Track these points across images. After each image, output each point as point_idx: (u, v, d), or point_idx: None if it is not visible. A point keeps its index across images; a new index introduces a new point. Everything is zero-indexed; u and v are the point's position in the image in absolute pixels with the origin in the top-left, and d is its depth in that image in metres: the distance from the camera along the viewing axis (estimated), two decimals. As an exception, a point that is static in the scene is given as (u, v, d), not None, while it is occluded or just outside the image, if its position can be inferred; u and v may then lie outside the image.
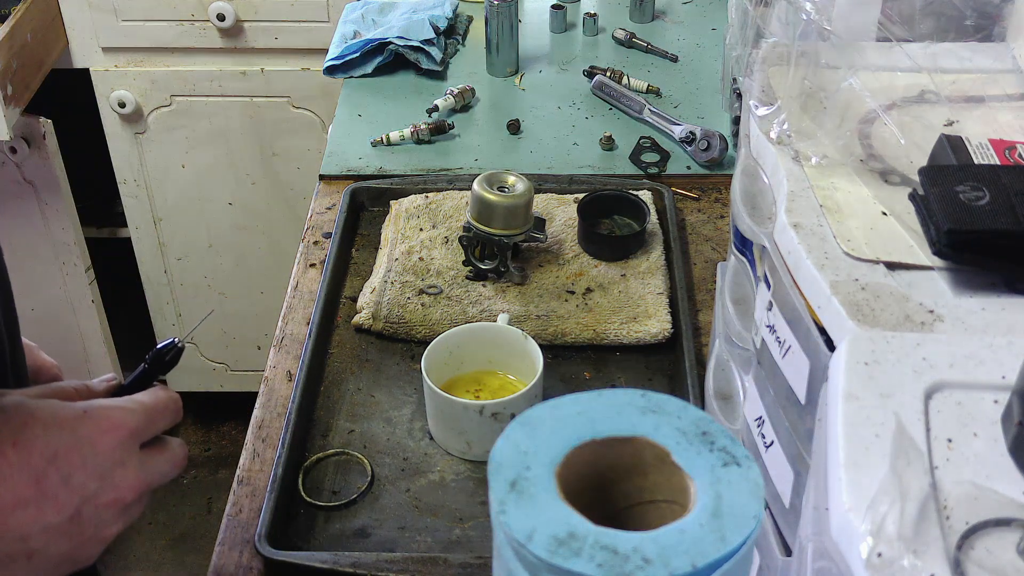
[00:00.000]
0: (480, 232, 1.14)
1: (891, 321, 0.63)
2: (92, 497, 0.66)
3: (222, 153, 2.12)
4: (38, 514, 0.64)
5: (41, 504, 0.64)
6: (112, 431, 0.67)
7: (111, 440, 0.67)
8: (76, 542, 0.67)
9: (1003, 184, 0.66)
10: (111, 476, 0.67)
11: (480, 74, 1.57)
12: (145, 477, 0.69)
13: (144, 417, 0.70)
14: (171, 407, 0.73)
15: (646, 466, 0.56)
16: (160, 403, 0.72)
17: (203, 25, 1.98)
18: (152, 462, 0.70)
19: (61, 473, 0.64)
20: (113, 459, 0.67)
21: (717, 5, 1.74)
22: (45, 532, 0.65)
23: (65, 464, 0.65)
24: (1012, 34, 0.88)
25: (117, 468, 0.67)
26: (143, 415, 0.70)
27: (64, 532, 0.65)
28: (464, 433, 0.99)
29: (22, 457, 0.63)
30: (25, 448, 0.64)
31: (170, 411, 0.72)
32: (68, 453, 0.65)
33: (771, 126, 0.78)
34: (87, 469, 0.66)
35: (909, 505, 0.51)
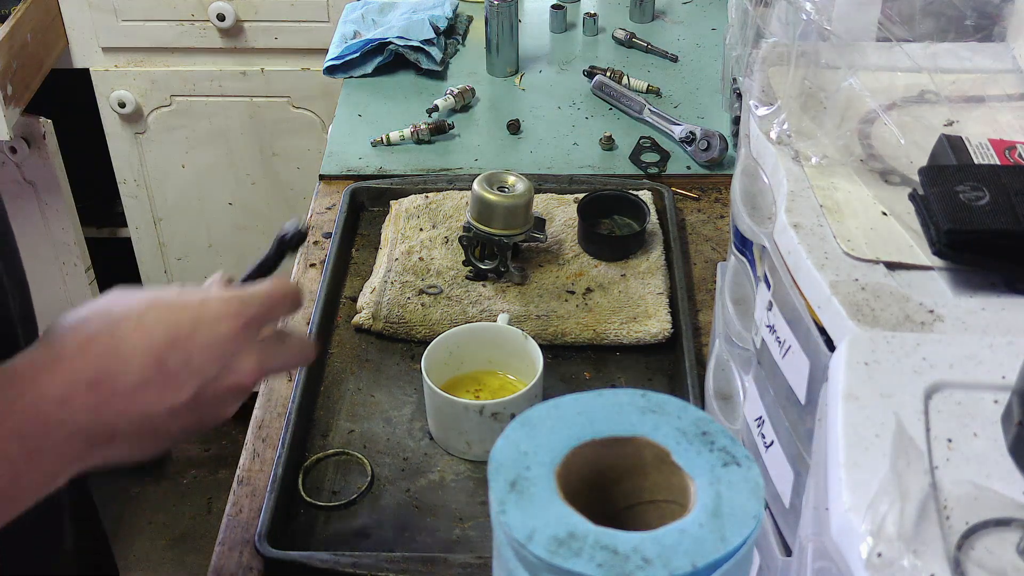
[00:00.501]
0: (480, 232, 1.14)
1: (891, 321, 0.63)
2: (212, 381, 0.69)
3: (222, 153, 2.12)
4: (161, 395, 0.67)
5: (164, 386, 0.67)
6: (231, 318, 0.70)
7: (230, 326, 0.70)
8: (197, 418, 0.70)
9: (1003, 184, 0.66)
10: (230, 361, 0.70)
11: (480, 74, 1.57)
12: (263, 364, 0.72)
13: (261, 306, 0.72)
14: (289, 297, 0.75)
15: (646, 466, 0.56)
16: (277, 293, 0.74)
17: (203, 25, 1.98)
18: (272, 350, 0.73)
19: (182, 356, 0.68)
20: (232, 345, 0.70)
21: (717, 5, 1.74)
22: (168, 412, 0.68)
23: (186, 348, 0.68)
24: (1012, 34, 0.88)
25: (236, 354, 0.70)
26: (260, 304, 0.72)
27: (186, 411, 0.69)
28: (464, 433, 0.99)
29: (144, 340, 0.67)
30: (147, 331, 0.67)
31: (288, 300, 0.75)
32: (189, 337, 0.68)
33: (771, 126, 0.78)
34: (207, 354, 0.69)
35: (909, 505, 0.51)
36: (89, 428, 0.65)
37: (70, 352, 0.66)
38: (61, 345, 0.66)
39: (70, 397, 0.65)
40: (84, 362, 0.66)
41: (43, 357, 0.66)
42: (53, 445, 0.64)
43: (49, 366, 0.65)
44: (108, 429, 0.66)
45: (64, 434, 0.65)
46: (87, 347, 0.66)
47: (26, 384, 0.64)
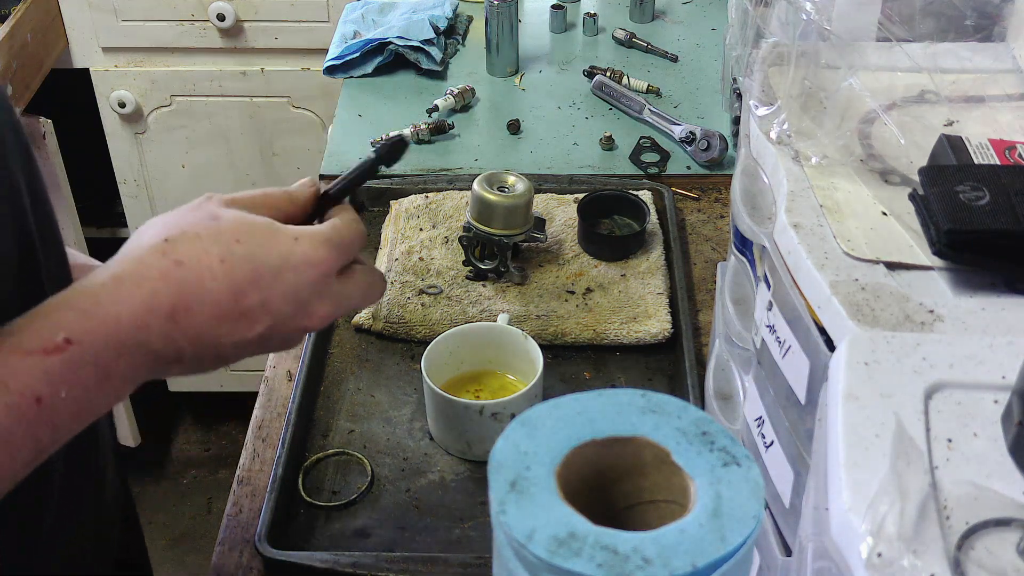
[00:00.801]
0: (480, 232, 1.14)
1: (891, 321, 0.63)
2: (284, 321, 0.69)
3: (222, 153, 2.12)
4: (233, 328, 0.67)
5: (237, 320, 0.67)
6: (317, 266, 0.69)
7: (313, 274, 0.69)
8: (261, 351, 0.71)
9: (1003, 184, 0.66)
10: (306, 305, 0.70)
11: (480, 74, 1.57)
12: (336, 307, 0.72)
13: (344, 250, 0.72)
14: (363, 236, 0.75)
15: (646, 466, 0.56)
16: (356, 233, 0.74)
17: (203, 25, 1.98)
18: (346, 292, 0.73)
19: (261, 295, 0.68)
20: (311, 291, 0.70)
21: (717, 5, 1.74)
22: (235, 345, 0.68)
23: (267, 288, 0.68)
24: (1012, 34, 0.88)
25: (313, 299, 0.70)
26: (343, 248, 0.72)
27: (252, 345, 0.69)
28: (464, 433, 0.99)
29: (228, 273, 0.66)
30: (232, 266, 0.67)
31: (361, 240, 0.75)
32: (272, 279, 0.68)
33: (771, 126, 0.78)
34: (286, 296, 0.69)
35: (909, 505, 0.51)
36: (159, 351, 0.66)
37: (154, 275, 0.65)
38: (146, 267, 0.66)
39: (147, 323, 0.65)
40: (166, 289, 0.65)
41: (128, 273, 0.66)
42: (125, 368, 0.65)
43: (132, 288, 0.65)
44: (177, 353, 0.67)
45: (137, 357, 0.65)
46: (171, 273, 0.66)
47: (106, 308, 0.64)
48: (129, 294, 0.65)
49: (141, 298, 0.65)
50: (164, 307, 0.65)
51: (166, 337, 0.66)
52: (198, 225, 0.68)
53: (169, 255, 0.66)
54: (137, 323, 0.64)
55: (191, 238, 0.67)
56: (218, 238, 0.67)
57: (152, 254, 0.66)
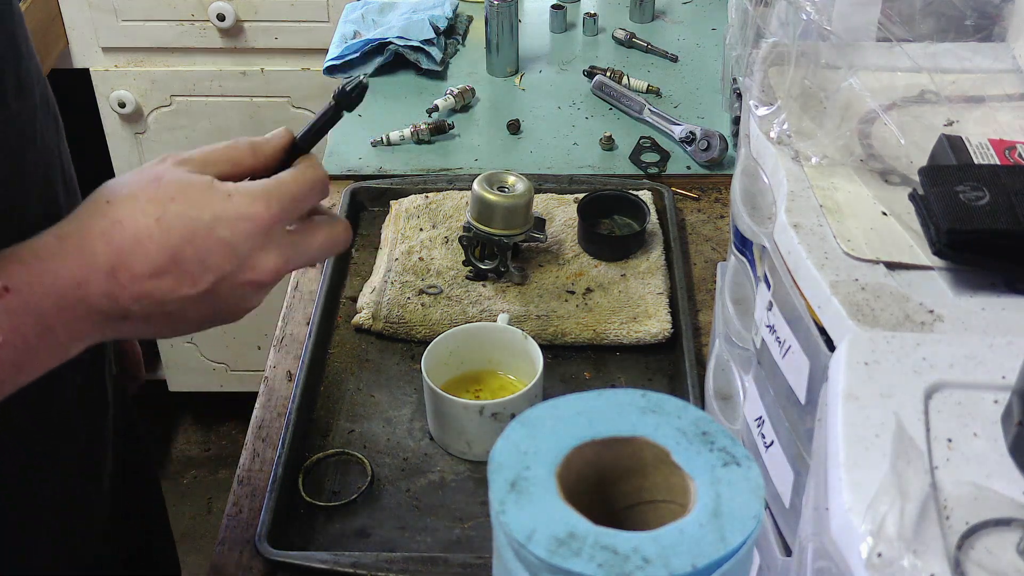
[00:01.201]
0: (480, 232, 1.14)
1: (891, 321, 0.63)
2: (229, 276, 0.70)
3: (222, 153, 2.12)
4: (174, 285, 0.69)
5: (177, 277, 0.69)
6: (251, 219, 0.70)
7: (250, 227, 0.70)
8: (215, 309, 0.72)
9: (1003, 184, 0.66)
10: (249, 259, 0.71)
11: (480, 74, 1.57)
12: (286, 260, 0.72)
13: (287, 203, 0.72)
14: (317, 186, 0.75)
15: (646, 466, 0.56)
16: (305, 184, 0.74)
17: (203, 25, 1.98)
18: (298, 245, 0.74)
19: (198, 253, 0.69)
20: (251, 244, 0.70)
21: (717, 5, 1.74)
22: (182, 300, 0.70)
23: (203, 245, 0.69)
24: (1012, 34, 0.88)
25: (256, 252, 0.71)
26: (286, 201, 0.72)
27: (201, 302, 0.70)
28: (464, 433, 0.99)
29: (163, 233, 0.68)
30: (166, 224, 0.68)
31: (316, 191, 0.75)
32: (207, 234, 0.69)
33: (771, 126, 0.78)
34: (224, 252, 0.70)
35: (909, 505, 0.51)
36: (103, 308, 0.68)
37: (94, 235, 0.68)
38: (87, 227, 0.68)
39: (86, 280, 0.67)
40: (105, 247, 0.68)
41: (70, 233, 0.68)
42: (67, 321, 0.67)
43: (73, 246, 0.68)
44: (121, 310, 0.69)
45: (79, 313, 0.67)
46: (110, 232, 0.68)
47: (47, 262, 0.67)
48: (69, 251, 0.68)
49: (81, 255, 0.68)
50: (103, 264, 0.68)
51: (107, 295, 0.68)
52: (138, 187, 0.70)
53: (109, 216, 0.69)
54: (77, 279, 0.67)
55: (130, 199, 0.69)
56: (155, 198, 0.69)
57: (93, 216, 0.69)
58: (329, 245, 0.77)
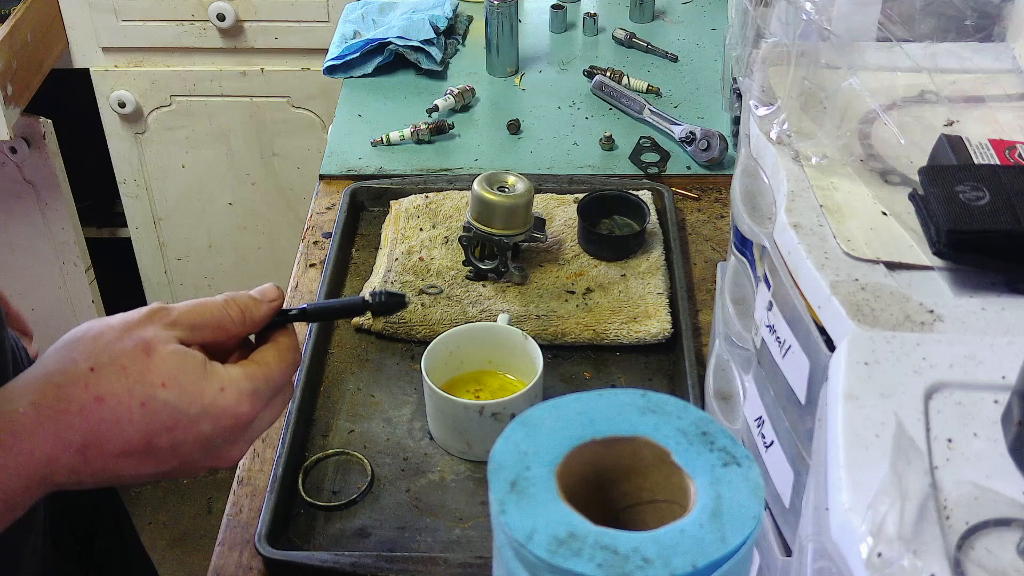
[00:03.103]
0: (480, 232, 1.14)
1: (891, 321, 0.63)
2: (192, 463, 0.70)
3: (222, 153, 2.12)
4: (139, 464, 0.68)
5: (144, 458, 0.68)
6: (236, 418, 0.69)
7: (233, 424, 0.69)
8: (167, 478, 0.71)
9: (1003, 184, 0.66)
10: (218, 450, 0.70)
11: (480, 74, 1.57)
12: (247, 445, 0.73)
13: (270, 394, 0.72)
14: (295, 366, 0.75)
15: (646, 466, 0.56)
16: (288, 369, 0.74)
17: (203, 25, 1.98)
18: (259, 426, 0.73)
19: (174, 441, 0.68)
20: (224, 438, 0.70)
21: (717, 5, 1.74)
22: (136, 476, 0.69)
23: (181, 434, 0.68)
24: (1012, 34, 0.88)
25: (225, 445, 0.70)
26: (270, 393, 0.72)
27: (154, 477, 0.70)
28: (464, 433, 0.99)
29: (145, 418, 0.66)
30: (152, 411, 0.66)
31: (293, 369, 0.75)
32: (188, 426, 0.68)
33: (771, 126, 0.78)
34: (198, 442, 0.69)
35: (909, 505, 0.51)
36: (61, 483, 0.66)
37: (72, 410, 0.65)
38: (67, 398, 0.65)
39: (57, 457, 0.65)
40: (81, 424, 0.65)
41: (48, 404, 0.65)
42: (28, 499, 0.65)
43: (49, 420, 0.64)
44: (76, 482, 0.67)
45: (40, 489, 0.65)
46: (90, 409, 0.65)
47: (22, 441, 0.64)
48: (45, 425, 0.64)
49: (56, 432, 0.64)
50: (76, 442, 0.65)
51: (71, 470, 0.66)
52: (127, 358, 0.67)
53: (91, 389, 0.65)
54: (48, 457, 0.64)
55: (117, 372, 0.66)
56: (144, 378, 0.66)
57: (75, 385, 0.65)
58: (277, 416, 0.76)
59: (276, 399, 0.74)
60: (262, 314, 0.74)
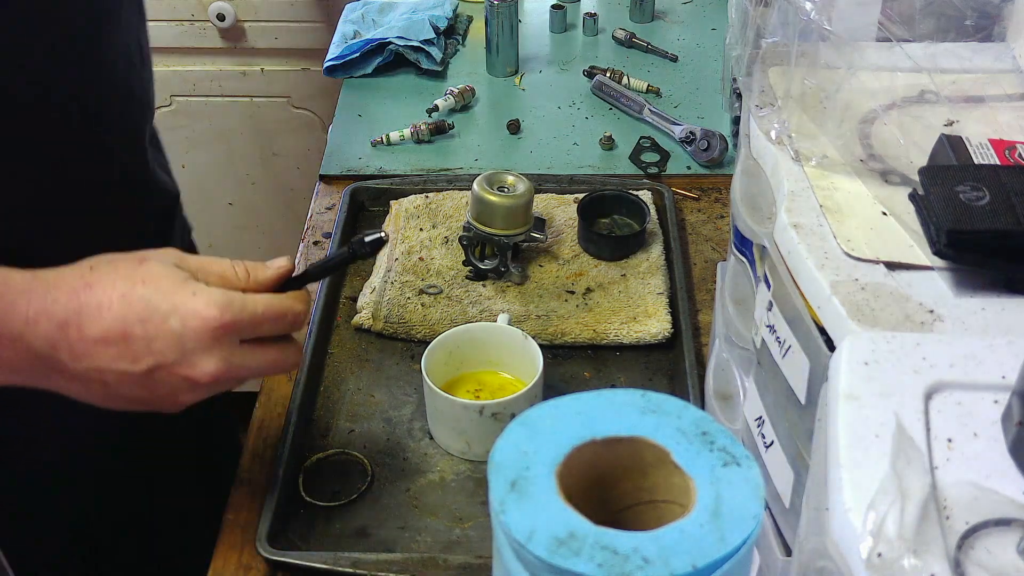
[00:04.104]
0: (480, 232, 1.14)
1: (891, 321, 0.63)
2: (167, 365, 0.74)
3: (222, 153, 2.12)
4: (116, 357, 0.73)
5: (121, 351, 0.73)
6: (204, 320, 0.74)
7: (200, 326, 0.74)
8: (149, 393, 0.76)
9: (1003, 184, 0.66)
10: (190, 356, 0.75)
11: (480, 74, 1.57)
12: (226, 368, 0.76)
13: (245, 318, 0.76)
14: (286, 318, 0.79)
15: (646, 466, 0.56)
16: (272, 310, 0.78)
17: (203, 25, 1.98)
18: (242, 358, 0.77)
19: (147, 334, 0.73)
20: (197, 342, 0.74)
21: (717, 5, 1.74)
22: (119, 374, 0.74)
23: (153, 329, 0.74)
24: (1012, 34, 0.88)
25: (199, 351, 0.75)
26: (246, 316, 0.76)
27: (137, 382, 0.75)
28: (464, 433, 0.99)
29: (122, 307, 0.73)
30: (128, 303, 0.73)
31: (283, 321, 0.79)
32: (160, 321, 0.74)
33: (771, 126, 0.78)
34: (170, 341, 0.74)
35: (909, 505, 0.51)
36: (40, 353, 0.73)
37: (63, 288, 0.73)
38: (62, 279, 0.74)
39: (36, 322, 0.72)
40: (67, 302, 0.73)
41: (46, 278, 0.73)
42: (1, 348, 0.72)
43: (40, 289, 0.73)
44: (58, 363, 0.73)
45: (16, 346, 0.72)
46: (78, 291, 0.73)
47: (12, 290, 0.72)
48: (35, 291, 0.73)
49: (43, 300, 0.72)
50: (58, 315, 0.72)
51: (50, 342, 0.72)
52: (123, 263, 0.76)
53: (84, 278, 0.74)
54: (27, 317, 0.72)
55: (110, 271, 0.75)
56: (129, 276, 0.74)
57: (73, 273, 0.74)
58: (272, 366, 0.81)
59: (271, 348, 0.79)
60: (267, 276, 0.80)
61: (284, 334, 0.81)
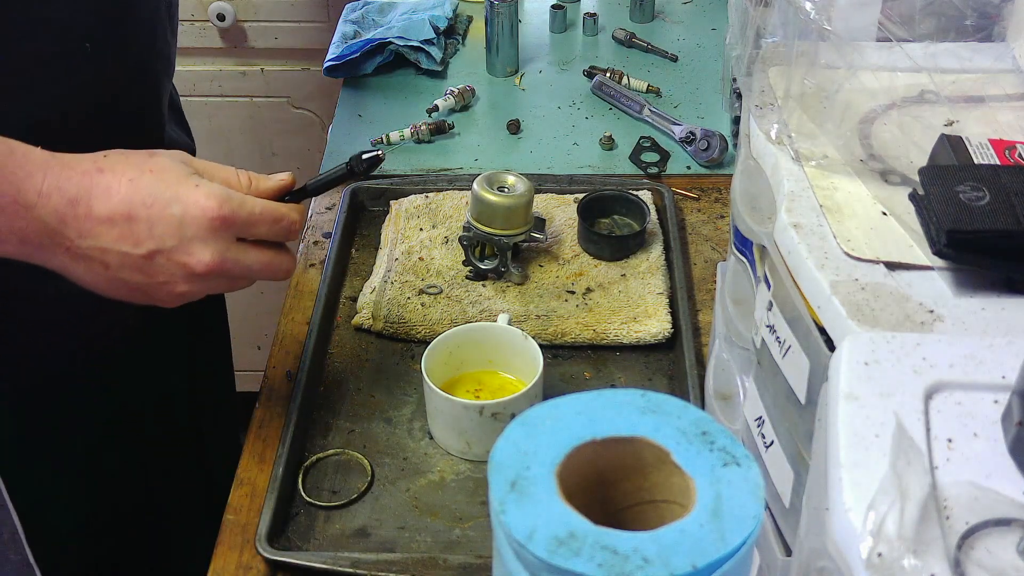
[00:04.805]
0: (480, 232, 1.14)
1: (891, 321, 0.63)
2: (167, 251, 0.78)
3: (222, 153, 2.12)
4: (119, 237, 0.77)
5: (124, 232, 0.77)
6: (202, 209, 0.79)
7: (199, 215, 0.79)
8: (147, 279, 0.80)
9: (1003, 184, 0.66)
10: (188, 243, 0.79)
11: (480, 74, 1.57)
12: (220, 260, 0.80)
13: (242, 214, 0.80)
14: (281, 222, 0.83)
15: (646, 466, 0.56)
16: (268, 212, 0.82)
17: (203, 25, 1.98)
18: (237, 253, 0.81)
19: (150, 218, 0.78)
20: (196, 231, 0.79)
21: (717, 5, 1.74)
22: (120, 256, 0.78)
23: (156, 213, 0.78)
24: (1012, 34, 0.88)
25: (196, 240, 0.79)
26: (244, 213, 0.81)
27: (136, 266, 0.79)
28: (464, 433, 0.99)
29: (129, 191, 0.78)
30: (136, 186, 0.78)
31: (278, 226, 0.83)
32: (163, 207, 0.78)
33: (771, 126, 0.78)
34: (170, 226, 0.78)
35: (909, 505, 0.51)
36: (49, 225, 0.76)
37: (77, 169, 0.77)
38: (77, 162, 0.78)
39: (48, 195, 0.76)
40: (79, 181, 0.77)
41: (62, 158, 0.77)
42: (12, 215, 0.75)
43: (56, 167, 0.77)
44: (64, 238, 0.77)
45: (26, 215, 0.75)
46: (90, 173, 0.77)
47: (30, 160, 0.76)
48: (50, 168, 0.76)
49: (57, 177, 0.76)
50: (69, 191, 0.76)
51: (59, 217, 0.76)
52: (135, 154, 0.80)
53: (98, 163, 0.78)
54: (41, 189, 0.75)
55: (122, 159, 0.79)
56: (138, 165, 0.79)
57: (89, 158, 0.79)
58: (266, 268, 0.84)
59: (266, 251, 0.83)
60: (268, 186, 0.85)
61: (279, 241, 0.85)
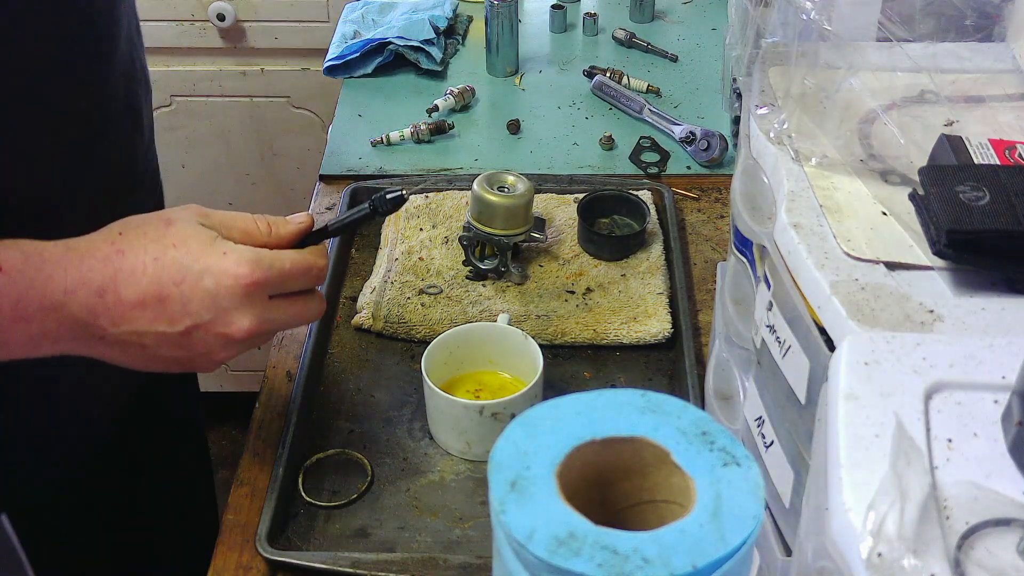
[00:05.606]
0: (480, 232, 1.14)
1: (891, 321, 0.63)
2: (204, 325, 0.77)
3: (222, 153, 2.12)
4: (154, 319, 0.76)
5: (158, 313, 0.76)
6: (236, 278, 0.77)
7: (233, 284, 0.77)
8: (186, 353, 0.78)
9: (1003, 184, 0.66)
10: (225, 314, 0.77)
11: (480, 74, 1.57)
12: (260, 324, 0.79)
13: (274, 274, 0.79)
14: (311, 272, 0.82)
15: (646, 466, 0.56)
16: (299, 266, 0.81)
17: (203, 25, 1.98)
18: (273, 313, 0.80)
19: (183, 296, 0.76)
20: (231, 301, 0.77)
21: (717, 5, 1.74)
22: (157, 336, 0.77)
23: (188, 290, 0.76)
24: (1012, 34, 0.88)
25: (233, 310, 0.77)
26: (275, 273, 0.79)
27: (175, 342, 0.77)
28: (464, 433, 0.99)
29: (157, 270, 0.76)
30: (163, 265, 0.76)
31: (309, 276, 0.82)
32: (195, 282, 0.76)
33: (771, 126, 0.78)
34: (205, 301, 0.76)
35: (909, 505, 0.51)
36: (82, 321, 0.74)
37: (97, 256, 0.75)
38: (95, 247, 0.75)
39: (74, 291, 0.73)
40: (102, 269, 0.74)
41: (78, 248, 0.75)
42: (44, 319, 0.73)
43: (75, 259, 0.74)
44: (99, 329, 0.75)
45: (58, 316, 0.74)
46: (112, 258, 0.75)
47: (45, 264, 0.73)
48: (71, 262, 0.74)
49: (79, 269, 0.74)
50: (96, 282, 0.74)
51: (90, 310, 0.74)
52: (151, 226, 0.77)
53: (116, 244, 0.76)
54: (66, 287, 0.73)
55: (140, 235, 0.77)
56: (159, 240, 0.76)
57: (104, 240, 0.76)
58: (299, 317, 0.83)
59: (298, 301, 0.82)
60: (289, 231, 0.83)
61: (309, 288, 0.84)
